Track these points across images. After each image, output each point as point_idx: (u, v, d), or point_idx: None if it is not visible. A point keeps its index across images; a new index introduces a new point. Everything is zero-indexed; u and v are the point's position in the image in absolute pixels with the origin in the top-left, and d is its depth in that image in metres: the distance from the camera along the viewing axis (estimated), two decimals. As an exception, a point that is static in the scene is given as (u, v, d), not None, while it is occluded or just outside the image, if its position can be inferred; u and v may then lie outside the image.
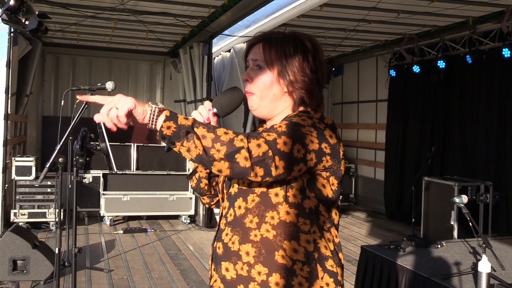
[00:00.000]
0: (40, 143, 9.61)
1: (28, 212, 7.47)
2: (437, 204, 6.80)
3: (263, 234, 1.54)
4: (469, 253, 4.81)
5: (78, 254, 3.81)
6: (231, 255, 1.58)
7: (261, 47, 1.67)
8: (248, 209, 1.56)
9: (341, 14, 6.80)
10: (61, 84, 9.85)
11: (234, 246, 1.57)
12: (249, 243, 1.55)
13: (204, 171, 1.80)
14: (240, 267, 1.55)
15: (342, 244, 6.89)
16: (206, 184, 1.83)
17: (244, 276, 1.55)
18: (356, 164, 10.25)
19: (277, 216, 1.53)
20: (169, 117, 1.41)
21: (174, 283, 5.35)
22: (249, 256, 1.54)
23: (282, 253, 1.52)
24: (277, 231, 1.53)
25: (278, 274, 1.51)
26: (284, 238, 1.52)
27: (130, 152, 8.69)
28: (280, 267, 1.51)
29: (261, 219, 1.54)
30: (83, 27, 7.95)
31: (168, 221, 8.52)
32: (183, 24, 7.37)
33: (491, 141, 7.10)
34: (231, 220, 1.61)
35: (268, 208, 1.54)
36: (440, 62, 7.50)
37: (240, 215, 1.58)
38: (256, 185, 1.55)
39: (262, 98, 1.67)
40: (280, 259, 1.52)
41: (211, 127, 1.42)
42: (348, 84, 10.85)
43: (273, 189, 1.54)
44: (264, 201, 1.55)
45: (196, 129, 1.40)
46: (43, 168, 3.39)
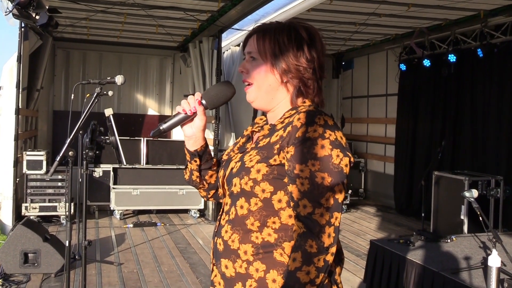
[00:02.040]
0: (51, 137, 9.68)
1: (39, 205, 7.53)
2: (447, 198, 6.77)
3: (264, 238, 1.55)
4: (479, 247, 4.79)
5: (88, 247, 3.84)
6: (231, 253, 1.59)
7: (255, 39, 1.67)
8: (250, 211, 1.56)
9: (351, 7, 6.76)
10: (71, 78, 9.89)
11: (234, 244, 1.58)
12: (250, 243, 1.56)
13: (195, 164, 1.79)
14: (239, 265, 1.56)
15: (351, 238, 6.90)
16: (197, 177, 1.83)
17: (242, 274, 1.55)
18: (365, 159, 10.22)
19: (279, 221, 1.54)
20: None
21: (183, 277, 5.37)
22: (247, 255, 1.55)
23: (281, 251, 1.53)
24: (279, 234, 1.54)
25: (275, 271, 1.52)
26: (284, 240, 1.54)
27: (140, 147, 8.73)
28: (278, 264, 1.52)
29: (263, 223, 1.55)
30: (93, 21, 7.97)
31: (178, 215, 8.55)
32: (192, 18, 7.37)
33: (502, 135, 7.04)
34: (232, 218, 1.61)
35: (270, 214, 1.55)
36: (450, 56, 7.44)
37: (242, 216, 1.58)
38: (260, 190, 1.55)
39: (259, 88, 1.66)
40: (278, 256, 1.53)
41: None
42: (358, 78, 10.80)
43: (276, 195, 1.54)
44: (266, 207, 1.55)
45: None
46: (54, 162, 3.42)
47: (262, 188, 1.54)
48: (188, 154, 1.80)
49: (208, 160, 1.81)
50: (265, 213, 1.55)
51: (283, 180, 1.53)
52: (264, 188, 1.54)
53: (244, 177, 1.57)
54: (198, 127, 1.72)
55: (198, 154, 1.77)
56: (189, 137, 1.75)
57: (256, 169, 1.56)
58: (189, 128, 1.73)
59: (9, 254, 5.14)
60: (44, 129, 9.50)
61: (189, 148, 1.77)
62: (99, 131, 3.77)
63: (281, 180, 1.53)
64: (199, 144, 1.76)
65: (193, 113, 1.70)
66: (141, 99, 10.50)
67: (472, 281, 3.83)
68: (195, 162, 1.79)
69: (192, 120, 1.72)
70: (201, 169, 1.81)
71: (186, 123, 1.72)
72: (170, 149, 8.84)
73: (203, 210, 8.54)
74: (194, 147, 1.76)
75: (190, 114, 1.69)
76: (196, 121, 1.71)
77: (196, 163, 1.79)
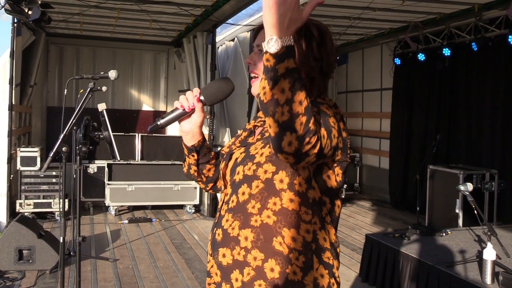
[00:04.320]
0: (45, 133, 9.64)
1: (34, 202, 7.49)
2: (442, 192, 6.78)
3: (263, 220, 1.53)
4: (474, 241, 4.81)
5: (83, 243, 3.82)
6: (230, 241, 1.57)
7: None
8: (251, 195, 1.56)
9: (345, 1, 6.74)
10: (65, 74, 9.84)
11: (234, 231, 1.57)
12: (249, 228, 1.54)
13: (192, 158, 1.80)
14: (237, 252, 1.55)
15: (347, 232, 6.91)
16: (195, 171, 1.83)
17: (240, 261, 1.54)
18: (361, 153, 10.23)
19: (280, 202, 1.52)
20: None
21: (179, 272, 5.36)
22: (247, 241, 1.54)
23: (280, 240, 1.51)
24: (278, 217, 1.52)
25: (273, 260, 1.51)
26: (284, 225, 1.51)
27: (134, 142, 8.71)
28: (276, 254, 1.51)
29: (263, 205, 1.53)
30: (87, 17, 7.92)
31: (173, 211, 8.54)
32: (186, 13, 7.34)
33: (496, 129, 7.06)
34: (233, 206, 1.60)
35: (271, 194, 1.53)
36: (445, 50, 7.45)
37: (243, 201, 1.57)
38: (262, 171, 1.54)
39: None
40: (277, 245, 1.51)
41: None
42: (353, 73, 10.80)
43: (278, 175, 1.53)
44: (268, 187, 1.54)
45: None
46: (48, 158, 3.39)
47: (265, 169, 1.54)
48: (185, 149, 1.81)
49: (205, 154, 1.81)
50: (266, 193, 1.54)
51: None
52: (267, 169, 1.54)
53: (248, 163, 1.58)
54: (196, 123, 1.72)
55: (196, 149, 1.78)
56: (187, 133, 1.76)
57: (260, 153, 1.57)
58: (186, 124, 1.73)
59: (3, 251, 5.12)
60: (38, 125, 9.46)
61: (187, 143, 1.78)
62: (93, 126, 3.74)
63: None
64: (196, 139, 1.77)
65: (191, 110, 1.70)
66: (136, 95, 10.47)
67: (467, 274, 3.85)
68: (192, 156, 1.80)
69: (189, 116, 1.72)
70: (199, 163, 1.82)
71: (183, 119, 1.73)
72: (165, 145, 8.82)
73: (198, 205, 8.53)
74: (192, 142, 1.77)
75: (189, 110, 1.69)
76: (194, 117, 1.72)
77: (193, 157, 1.80)
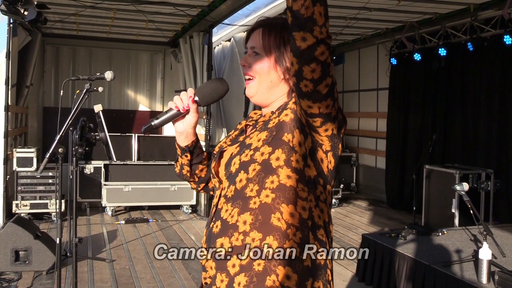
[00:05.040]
0: (41, 134, 9.63)
1: (30, 203, 7.48)
2: (438, 192, 6.80)
3: (262, 200, 1.52)
4: (470, 240, 4.82)
5: (79, 244, 3.82)
6: (228, 229, 1.56)
7: (261, 33, 1.66)
8: (249, 179, 1.55)
9: (341, 2, 6.75)
10: (61, 75, 9.85)
11: (233, 219, 1.56)
12: (248, 211, 1.53)
13: (185, 159, 1.81)
14: (236, 238, 1.54)
15: (343, 232, 6.92)
16: (188, 171, 1.84)
17: (238, 246, 1.53)
18: (357, 153, 10.25)
19: (277, 179, 1.52)
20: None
21: (176, 273, 5.36)
22: (245, 225, 1.53)
23: (279, 215, 1.51)
24: (276, 194, 1.52)
25: (271, 236, 1.50)
26: (282, 201, 1.51)
27: (131, 143, 8.69)
28: (275, 229, 1.50)
29: (261, 185, 1.53)
30: (83, 17, 7.92)
31: (170, 211, 8.54)
32: (182, 13, 7.34)
33: (492, 128, 7.08)
34: (231, 195, 1.59)
35: (268, 173, 1.53)
36: (441, 50, 7.47)
37: (242, 187, 1.56)
38: (259, 154, 1.55)
39: (260, 83, 1.66)
40: (275, 221, 1.51)
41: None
42: (349, 73, 10.81)
43: (274, 154, 1.53)
44: (264, 168, 1.54)
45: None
46: (44, 159, 3.39)
47: (262, 152, 1.55)
48: (179, 149, 1.81)
49: (199, 154, 1.82)
50: (263, 174, 1.53)
51: (282, 138, 1.54)
52: (263, 151, 1.55)
53: (244, 151, 1.59)
54: (190, 124, 1.73)
55: (189, 150, 1.78)
56: (181, 133, 1.76)
57: (257, 140, 1.58)
58: (180, 124, 1.73)
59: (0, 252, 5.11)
60: (34, 126, 9.45)
61: (180, 143, 1.78)
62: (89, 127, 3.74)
63: (280, 139, 1.54)
64: (190, 140, 1.77)
65: (186, 110, 1.70)
66: (132, 95, 10.46)
67: (463, 273, 3.86)
68: (186, 157, 1.80)
69: (184, 117, 1.72)
70: (192, 164, 1.82)
71: (178, 120, 1.73)
72: (161, 145, 8.81)
73: (195, 206, 8.53)
74: (185, 143, 1.77)
75: (183, 111, 1.69)
76: (188, 118, 1.72)
77: (187, 158, 1.80)
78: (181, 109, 1.69)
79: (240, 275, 1.51)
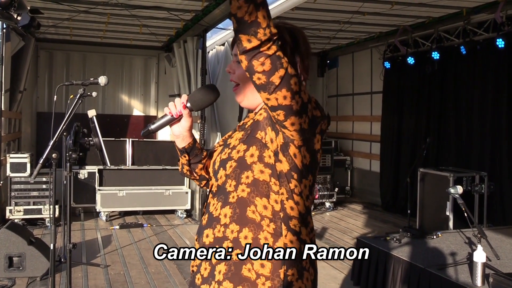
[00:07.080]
0: (34, 139, 9.58)
1: (24, 208, 7.44)
2: (432, 195, 6.82)
3: (239, 195, 1.67)
4: (464, 243, 4.84)
5: (73, 250, 3.81)
6: (212, 221, 1.71)
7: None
8: (227, 175, 1.71)
9: (335, 6, 6.78)
10: (55, 80, 9.80)
11: (217, 212, 1.71)
12: (228, 205, 1.68)
13: (184, 159, 1.92)
14: (218, 229, 1.69)
15: (338, 236, 6.92)
16: (188, 170, 1.96)
17: (220, 237, 1.67)
18: (351, 157, 10.27)
19: (252, 174, 1.66)
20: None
21: (170, 278, 5.35)
22: (226, 218, 1.68)
23: (253, 208, 1.64)
24: (251, 188, 1.65)
25: (247, 228, 1.64)
26: (256, 195, 1.65)
27: (125, 147, 8.67)
28: (250, 221, 1.64)
29: (238, 181, 1.67)
30: (76, 22, 7.90)
31: (164, 216, 8.52)
32: (176, 18, 7.34)
33: (486, 131, 7.12)
34: (215, 191, 1.76)
35: (243, 169, 1.67)
36: (434, 53, 7.50)
37: (222, 183, 1.72)
38: (235, 152, 1.69)
39: (245, 88, 1.79)
40: (250, 214, 1.64)
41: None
42: (343, 77, 10.84)
43: (248, 151, 1.67)
44: (240, 164, 1.68)
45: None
46: (38, 164, 3.38)
47: (238, 150, 1.70)
48: (178, 151, 1.94)
49: (197, 154, 1.93)
50: (238, 170, 1.68)
51: (256, 136, 1.68)
52: (239, 149, 1.70)
53: (224, 150, 1.76)
54: (185, 127, 1.84)
55: (186, 151, 1.91)
56: (177, 136, 1.88)
57: (235, 139, 1.76)
58: (177, 128, 1.86)
59: (-7, 258, 5.08)
60: (27, 131, 9.41)
61: (178, 145, 1.92)
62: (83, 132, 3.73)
63: (254, 137, 1.68)
64: (186, 142, 1.89)
65: (179, 116, 1.82)
66: (126, 100, 10.44)
67: (458, 276, 3.87)
68: (184, 157, 1.93)
69: (179, 121, 1.85)
70: (190, 163, 1.95)
71: (174, 124, 1.85)
72: (155, 150, 8.80)
73: (189, 210, 8.51)
74: (182, 145, 1.90)
75: (176, 116, 1.82)
76: (183, 122, 1.84)
77: (185, 158, 1.93)
78: (174, 115, 1.82)
79: (220, 264, 1.65)
